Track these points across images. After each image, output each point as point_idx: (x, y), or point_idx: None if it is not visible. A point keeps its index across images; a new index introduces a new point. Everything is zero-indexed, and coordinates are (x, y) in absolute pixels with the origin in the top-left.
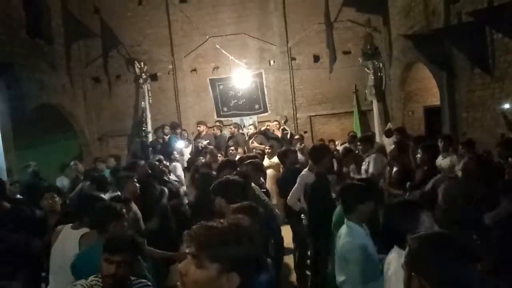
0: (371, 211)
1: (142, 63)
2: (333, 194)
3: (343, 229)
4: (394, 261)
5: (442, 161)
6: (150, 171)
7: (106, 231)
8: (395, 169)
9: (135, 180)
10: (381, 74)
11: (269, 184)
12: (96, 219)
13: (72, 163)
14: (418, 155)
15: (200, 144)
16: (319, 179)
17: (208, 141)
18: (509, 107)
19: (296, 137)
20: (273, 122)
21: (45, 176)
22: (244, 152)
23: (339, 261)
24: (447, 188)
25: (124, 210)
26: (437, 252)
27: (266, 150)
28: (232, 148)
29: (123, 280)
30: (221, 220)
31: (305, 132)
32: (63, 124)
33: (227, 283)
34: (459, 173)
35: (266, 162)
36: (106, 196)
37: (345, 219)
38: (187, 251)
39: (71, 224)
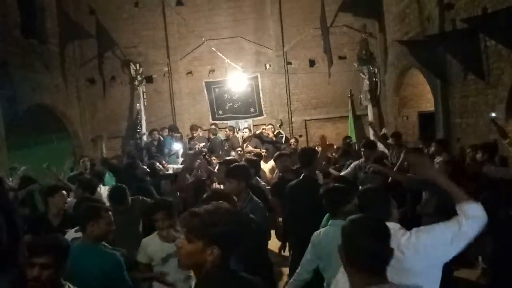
0: (354, 209)
1: (137, 65)
2: None
3: (327, 230)
4: None
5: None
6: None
7: (85, 230)
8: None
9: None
10: (376, 79)
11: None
12: (77, 218)
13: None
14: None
15: (196, 147)
16: (307, 182)
17: (203, 144)
18: (495, 115)
19: (292, 140)
20: (268, 125)
21: (36, 177)
22: (239, 155)
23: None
24: None
25: (109, 213)
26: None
27: (262, 153)
28: (239, 149)
29: (50, 285)
30: (206, 206)
31: (300, 136)
32: (56, 125)
33: (211, 255)
34: None
35: (261, 165)
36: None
37: (330, 220)
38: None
39: (76, 228)
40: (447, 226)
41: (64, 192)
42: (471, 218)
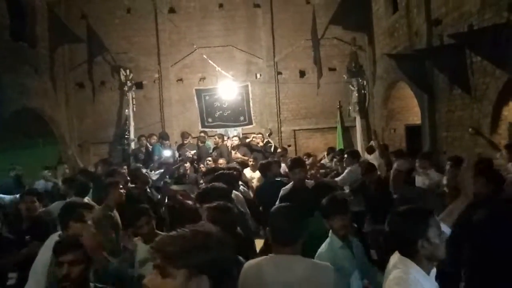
0: (347, 223)
1: (127, 71)
2: None
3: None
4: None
5: (418, 179)
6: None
7: (67, 229)
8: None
9: (120, 186)
10: (365, 91)
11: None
12: (58, 219)
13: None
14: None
15: (187, 153)
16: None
17: (194, 151)
18: (471, 130)
19: (279, 150)
20: (257, 134)
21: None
22: (227, 163)
23: None
24: None
25: (88, 214)
26: None
27: (250, 163)
28: (209, 159)
29: (81, 283)
30: (185, 228)
31: (289, 145)
32: (43, 129)
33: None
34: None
35: (249, 174)
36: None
37: (330, 233)
38: (152, 264)
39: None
40: None
41: (33, 197)
42: None
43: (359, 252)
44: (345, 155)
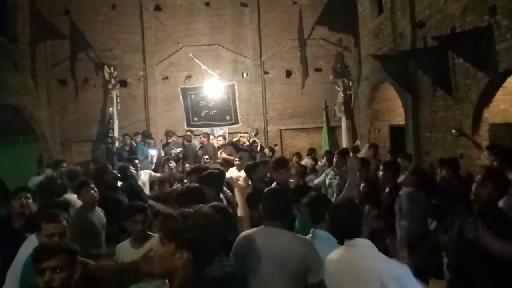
0: None
1: (112, 68)
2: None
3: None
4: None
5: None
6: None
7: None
8: (362, 185)
9: (92, 186)
10: (350, 92)
11: (238, 196)
12: (33, 221)
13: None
14: (381, 173)
15: (173, 152)
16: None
17: (180, 149)
18: (454, 131)
19: (265, 150)
20: (244, 134)
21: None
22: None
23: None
24: None
25: (65, 215)
26: None
27: (235, 162)
28: (206, 157)
29: None
30: (184, 210)
31: (275, 145)
32: (23, 126)
33: (180, 259)
34: None
35: (235, 173)
36: None
37: (312, 230)
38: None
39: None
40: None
41: (27, 194)
42: None
43: None
44: (335, 156)
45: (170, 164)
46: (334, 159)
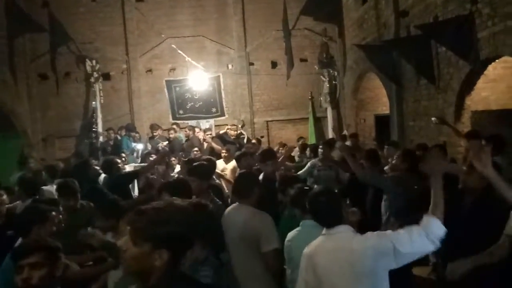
0: None
1: (94, 61)
2: None
3: (301, 231)
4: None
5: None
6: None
7: (29, 235)
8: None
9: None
10: (336, 82)
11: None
12: (19, 221)
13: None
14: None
15: (160, 145)
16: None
17: (166, 143)
18: (434, 119)
19: (253, 141)
20: (231, 126)
21: None
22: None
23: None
24: None
25: (53, 213)
26: None
27: (223, 154)
28: (196, 149)
29: None
30: (155, 204)
31: (262, 137)
32: (3, 123)
33: (158, 259)
34: None
35: (222, 165)
36: None
37: (301, 222)
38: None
39: None
40: (396, 238)
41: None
42: (429, 233)
43: None
44: (320, 146)
45: (151, 158)
46: (320, 150)
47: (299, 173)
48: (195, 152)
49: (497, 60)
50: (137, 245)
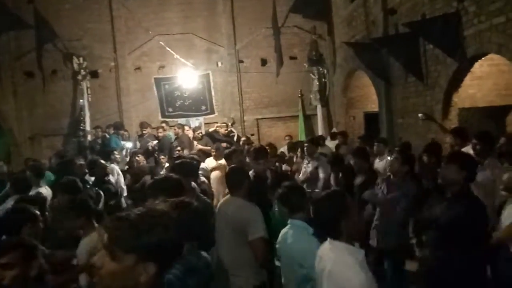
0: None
1: (81, 59)
2: None
3: (289, 231)
4: (329, 253)
5: (377, 164)
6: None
7: (18, 234)
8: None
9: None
10: (325, 80)
11: (215, 185)
12: (7, 222)
13: None
14: (351, 161)
15: (150, 145)
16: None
17: (156, 141)
18: (421, 115)
19: (243, 139)
20: (221, 124)
21: None
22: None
23: (291, 262)
24: None
25: (38, 213)
26: None
27: (212, 152)
28: (179, 148)
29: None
30: (136, 210)
31: (252, 134)
32: None
33: (144, 273)
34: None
35: (212, 163)
36: None
37: (290, 220)
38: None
39: None
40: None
41: None
42: None
43: None
44: (306, 144)
45: (137, 157)
46: (305, 147)
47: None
48: (178, 151)
49: (483, 58)
50: (116, 259)
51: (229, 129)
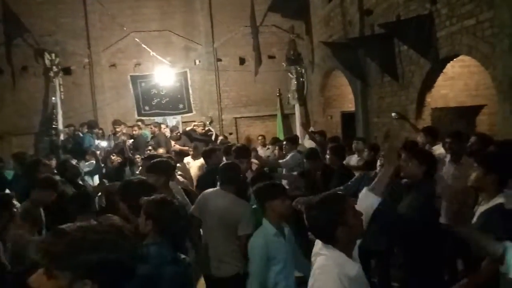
0: (286, 208)
1: (53, 55)
2: None
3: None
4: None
5: (355, 161)
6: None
7: None
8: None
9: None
10: (303, 79)
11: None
12: None
13: None
14: (327, 156)
15: (126, 144)
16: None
17: (132, 140)
18: (394, 114)
19: (220, 138)
20: (199, 123)
21: None
22: (167, 153)
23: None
24: None
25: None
26: None
27: (190, 152)
28: (150, 148)
29: None
30: (84, 223)
31: (230, 133)
32: None
33: None
34: None
35: (190, 162)
36: None
37: (264, 219)
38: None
39: None
40: None
41: None
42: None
43: (291, 242)
44: (284, 142)
45: (112, 157)
46: (284, 145)
47: (280, 161)
48: (160, 151)
49: (455, 59)
50: (52, 278)
51: (207, 128)
